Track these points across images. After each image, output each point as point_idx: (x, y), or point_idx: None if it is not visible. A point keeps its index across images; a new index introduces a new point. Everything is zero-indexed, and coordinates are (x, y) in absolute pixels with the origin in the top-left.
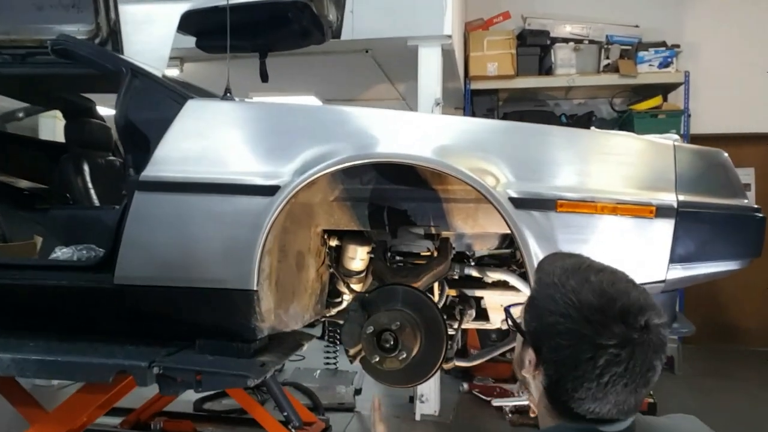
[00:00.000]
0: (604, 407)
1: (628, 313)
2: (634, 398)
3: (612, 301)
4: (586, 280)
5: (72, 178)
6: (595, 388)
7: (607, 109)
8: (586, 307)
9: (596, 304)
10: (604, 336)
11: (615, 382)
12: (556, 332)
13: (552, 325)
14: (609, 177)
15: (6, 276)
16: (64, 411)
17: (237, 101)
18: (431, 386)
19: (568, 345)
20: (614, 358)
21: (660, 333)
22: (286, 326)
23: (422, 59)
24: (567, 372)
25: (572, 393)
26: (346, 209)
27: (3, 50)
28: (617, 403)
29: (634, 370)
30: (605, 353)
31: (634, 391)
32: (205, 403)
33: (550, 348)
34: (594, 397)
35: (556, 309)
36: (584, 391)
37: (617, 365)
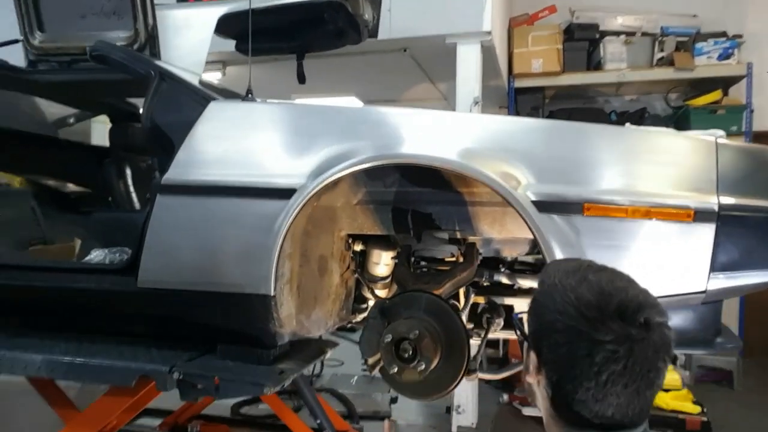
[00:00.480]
0: (607, 410)
1: (625, 310)
2: (638, 402)
3: (609, 298)
4: (585, 278)
5: (114, 182)
6: (595, 387)
7: (661, 105)
8: (583, 305)
9: (593, 301)
10: (600, 332)
11: (614, 381)
12: (554, 330)
13: (550, 323)
14: (643, 178)
15: (39, 278)
16: (94, 412)
17: (258, 102)
18: (468, 397)
19: (566, 342)
20: (612, 355)
21: (663, 332)
22: (309, 332)
23: (461, 57)
24: (565, 371)
25: (573, 394)
26: (369, 213)
27: (50, 58)
28: (620, 406)
29: (633, 369)
30: (602, 350)
31: (636, 393)
32: (242, 408)
33: (548, 347)
34: (594, 398)
35: (554, 307)
36: (584, 391)
37: (615, 363)
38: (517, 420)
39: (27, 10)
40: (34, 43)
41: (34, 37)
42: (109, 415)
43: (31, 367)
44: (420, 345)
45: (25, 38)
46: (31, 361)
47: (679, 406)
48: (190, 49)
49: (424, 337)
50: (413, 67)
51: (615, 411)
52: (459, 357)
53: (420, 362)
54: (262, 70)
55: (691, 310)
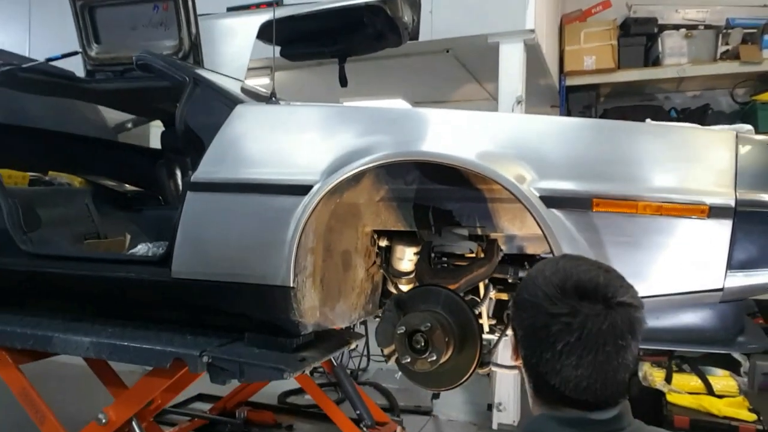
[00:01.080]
0: (569, 382)
1: (583, 288)
2: (599, 376)
3: (569, 278)
4: (556, 265)
5: (164, 181)
6: (551, 357)
7: (727, 101)
8: (546, 284)
9: (555, 281)
10: (556, 306)
11: (569, 352)
12: (522, 308)
13: (520, 303)
14: (656, 173)
15: (90, 268)
16: (137, 390)
17: (282, 104)
18: (510, 394)
19: (528, 317)
20: (566, 327)
21: (627, 312)
22: (333, 324)
23: (503, 56)
24: (529, 343)
25: (536, 366)
26: (392, 209)
27: (106, 67)
28: (580, 378)
29: (588, 341)
30: (557, 321)
31: (594, 365)
32: (288, 397)
33: (518, 325)
34: (554, 369)
35: (525, 290)
36: (544, 363)
37: (569, 334)
38: None
39: (85, 24)
40: (91, 54)
41: (91, 48)
42: (150, 394)
43: (80, 348)
44: (432, 337)
45: (83, 50)
46: (80, 343)
47: (732, 413)
48: (233, 56)
49: (436, 330)
50: (457, 67)
51: (576, 383)
52: (471, 350)
53: (431, 353)
54: (310, 74)
55: (709, 308)
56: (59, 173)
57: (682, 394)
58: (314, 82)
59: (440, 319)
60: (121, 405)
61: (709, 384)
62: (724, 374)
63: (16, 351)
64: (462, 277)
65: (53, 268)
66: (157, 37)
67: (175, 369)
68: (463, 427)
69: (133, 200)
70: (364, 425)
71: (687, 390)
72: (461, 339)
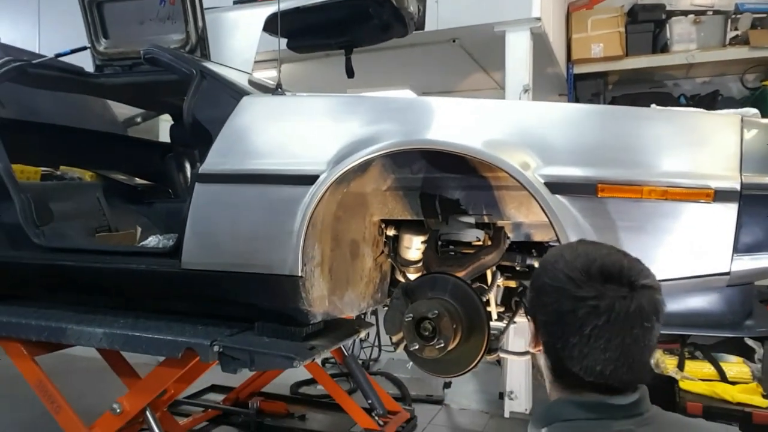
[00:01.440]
0: (595, 365)
1: (608, 272)
2: (626, 360)
3: (593, 262)
4: (575, 249)
5: (174, 175)
6: (579, 342)
7: (737, 87)
8: (569, 268)
9: (578, 265)
10: (583, 289)
11: (597, 335)
12: (544, 293)
13: (541, 288)
14: (661, 158)
15: (102, 261)
16: (150, 380)
17: (287, 95)
18: (521, 383)
19: (552, 302)
20: (593, 310)
21: (650, 295)
22: (341, 312)
23: (510, 45)
24: (553, 328)
25: (561, 351)
26: (399, 199)
27: (114, 62)
28: (607, 362)
29: (615, 323)
30: (584, 305)
31: (621, 348)
32: (301, 387)
33: (540, 310)
34: (581, 353)
35: (545, 274)
36: (571, 347)
37: (597, 317)
38: None
39: (93, 19)
40: (99, 49)
41: (100, 43)
42: (163, 383)
43: (93, 339)
44: (439, 324)
45: (91, 45)
46: (94, 334)
47: (746, 399)
48: (240, 49)
49: (443, 317)
50: (464, 57)
51: (603, 367)
52: (479, 336)
53: (439, 340)
54: (317, 66)
55: (716, 292)
56: (70, 168)
57: (695, 381)
58: (321, 74)
59: (448, 307)
60: (135, 395)
61: (722, 370)
62: (738, 360)
63: (32, 343)
64: (469, 264)
65: (65, 261)
66: (164, 31)
67: (186, 359)
68: (475, 415)
69: (144, 193)
70: (375, 414)
71: (700, 377)
72: (469, 326)
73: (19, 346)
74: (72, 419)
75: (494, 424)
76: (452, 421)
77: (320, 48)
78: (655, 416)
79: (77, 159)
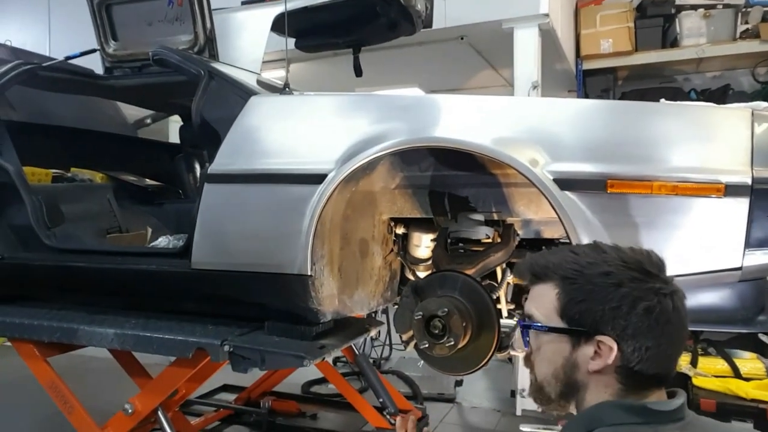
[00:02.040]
0: (666, 359)
1: (657, 266)
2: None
3: (640, 259)
4: (603, 250)
5: (184, 176)
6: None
7: (748, 81)
8: (622, 270)
9: (632, 264)
10: (649, 282)
11: (646, 332)
12: (613, 299)
13: (602, 289)
14: (671, 153)
15: (113, 261)
16: (161, 380)
17: (295, 94)
18: None
19: (639, 301)
20: (666, 298)
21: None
22: (351, 311)
23: (518, 41)
24: (643, 330)
25: (639, 350)
26: (408, 197)
27: (123, 64)
28: (675, 355)
29: (660, 318)
30: (659, 294)
31: (682, 339)
32: (312, 386)
33: (625, 319)
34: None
35: (582, 278)
36: (656, 347)
37: (648, 313)
38: None
39: (102, 21)
40: (108, 51)
41: (109, 45)
42: (174, 383)
43: (105, 340)
44: (449, 322)
45: (101, 47)
46: (105, 335)
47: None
48: (248, 50)
49: (453, 315)
50: (473, 54)
51: (669, 359)
52: (489, 334)
53: (449, 338)
54: (326, 65)
55: (728, 287)
56: (81, 170)
57: (709, 378)
58: (330, 73)
59: (457, 304)
60: (147, 395)
61: (736, 367)
62: (752, 357)
63: (44, 344)
64: (478, 262)
65: (76, 262)
66: (172, 33)
67: (197, 359)
68: (486, 413)
69: (154, 194)
70: (387, 413)
71: (713, 373)
72: (479, 324)
73: (31, 347)
74: (85, 419)
75: (506, 422)
76: (464, 420)
77: (328, 47)
78: (694, 421)
79: (88, 161)
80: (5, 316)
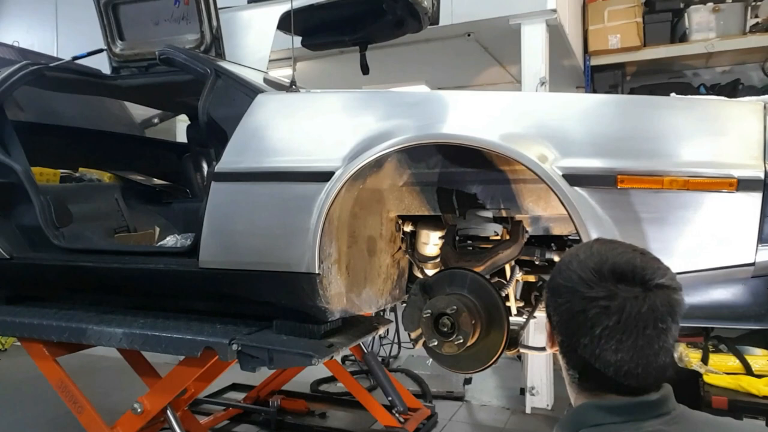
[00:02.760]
0: (608, 367)
1: (620, 271)
2: (640, 360)
3: (605, 261)
4: (590, 249)
5: (191, 175)
6: (590, 342)
7: (758, 75)
8: (581, 268)
9: (591, 265)
10: (594, 290)
11: (608, 336)
12: (558, 293)
13: (555, 288)
14: (682, 147)
15: (121, 261)
16: (170, 379)
17: (302, 92)
18: (542, 379)
19: (565, 302)
20: (604, 310)
21: (667, 294)
22: (360, 310)
23: (525, 37)
24: (565, 329)
25: (573, 352)
26: (416, 194)
27: (130, 64)
28: (620, 363)
29: (627, 324)
30: (595, 305)
31: (635, 349)
32: (321, 385)
33: (554, 310)
34: (592, 354)
35: (559, 275)
36: (582, 348)
37: (607, 318)
38: None
39: (108, 21)
40: (115, 51)
41: (116, 45)
42: (184, 382)
43: (113, 339)
44: (458, 320)
45: (108, 47)
46: (113, 334)
47: None
48: (254, 48)
49: (462, 312)
50: (480, 51)
51: (616, 368)
52: (499, 332)
53: (458, 336)
54: (332, 63)
55: (741, 283)
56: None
57: (720, 375)
58: (336, 71)
59: (466, 302)
60: (156, 394)
61: (748, 363)
62: (763, 353)
63: (53, 344)
64: (487, 259)
65: (85, 262)
66: (179, 32)
67: (205, 358)
68: (496, 411)
69: (162, 194)
70: (396, 411)
71: (724, 370)
72: (488, 321)
73: (40, 347)
74: (94, 419)
75: (516, 420)
76: (473, 418)
77: (334, 45)
78: (683, 414)
79: (96, 160)
80: (14, 316)
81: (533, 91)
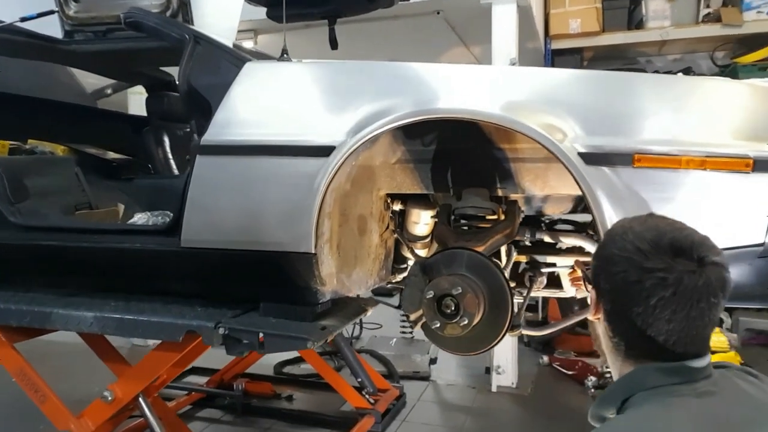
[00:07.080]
0: (658, 335)
1: (679, 246)
2: (690, 330)
3: (663, 235)
4: (645, 222)
5: (153, 150)
6: (643, 312)
7: (707, 64)
8: (638, 239)
9: (648, 237)
10: (651, 261)
11: (663, 306)
12: (612, 263)
13: (609, 257)
14: (698, 127)
15: (88, 240)
16: (145, 366)
17: (294, 62)
18: (508, 358)
19: (620, 271)
20: (661, 281)
21: (718, 271)
22: (349, 291)
23: (496, 17)
24: (618, 297)
25: (625, 321)
26: (408, 172)
27: (86, 28)
28: (671, 332)
29: (683, 296)
30: (652, 277)
31: (687, 320)
32: (284, 367)
33: (605, 278)
34: (645, 322)
35: (614, 245)
36: (635, 316)
37: (664, 289)
38: (557, 381)
39: None
40: (69, 13)
41: (69, 7)
42: (159, 369)
43: (83, 324)
44: (463, 301)
45: (60, 9)
46: (83, 318)
47: None
48: (222, 16)
49: (467, 293)
50: (446, 30)
51: (667, 337)
52: (503, 313)
53: (462, 317)
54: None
55: (747, 263)
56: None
57: None
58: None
59: (470, 283)
60: (128, 381)
61: None
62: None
63: (11, 329)
64: (488, 239)
65: (47, 241)
66: None
67: (185, 342)
68: (462, 390)
69: (120, 169)
70: (366, 392)
71: None
72: (492, 302)
73: None
74: (59, 408)
75: (482, 398)
76: (440, 397)
77: (302, 18)
78: (723, 375)
79: (45, 132)
80: None
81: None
